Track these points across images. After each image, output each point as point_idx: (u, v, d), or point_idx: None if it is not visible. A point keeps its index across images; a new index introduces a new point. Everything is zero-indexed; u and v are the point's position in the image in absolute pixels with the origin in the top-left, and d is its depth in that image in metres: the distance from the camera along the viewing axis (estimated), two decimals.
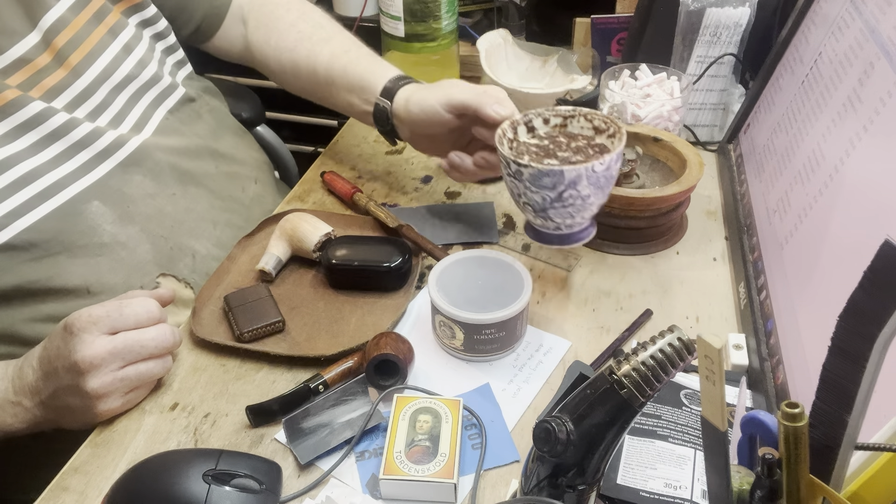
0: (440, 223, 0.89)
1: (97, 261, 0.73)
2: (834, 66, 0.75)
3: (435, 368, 0.71)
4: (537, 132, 0.75)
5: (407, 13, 0.98)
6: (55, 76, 0.74)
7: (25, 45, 0.72)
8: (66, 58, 0.75)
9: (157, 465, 0.57)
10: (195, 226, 0.82)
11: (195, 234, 0.82)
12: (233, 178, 0.89)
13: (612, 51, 1.14)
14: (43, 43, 0.73)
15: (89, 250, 0.73)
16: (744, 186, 0.88)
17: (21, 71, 0.71)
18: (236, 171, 0.91)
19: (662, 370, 0.41)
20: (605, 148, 0.72)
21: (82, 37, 0.76)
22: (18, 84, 0.71)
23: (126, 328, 0.63)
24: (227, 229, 0.85)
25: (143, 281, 0.76)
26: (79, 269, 0.72)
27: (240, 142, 0.95)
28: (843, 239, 0.61)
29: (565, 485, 0.45)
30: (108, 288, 0.73)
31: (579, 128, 0.74)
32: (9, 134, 0.69)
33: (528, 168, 0.66)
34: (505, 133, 0.72)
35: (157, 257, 0.77)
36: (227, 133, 0.93)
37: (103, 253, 0.73)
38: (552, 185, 0.66)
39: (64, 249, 0.71)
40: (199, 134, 0.87)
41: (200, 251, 0.82)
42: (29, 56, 0.72)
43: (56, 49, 0.74)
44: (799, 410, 0.35)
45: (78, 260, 0.72)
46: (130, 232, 0.76)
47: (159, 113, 0.83)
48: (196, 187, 0.84)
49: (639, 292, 0.78)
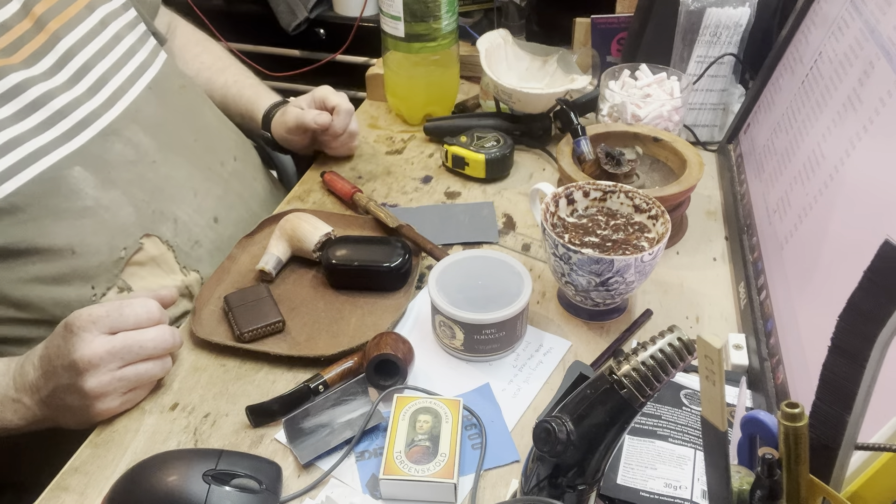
0: (440, 223, 0.89)
1: (81, 223, 0.74)
2: (834, 66, 0.75)
3: (435, 368, 0.71)
4: (577, 206, 0.76)
5: (407, 13, 0.98)
6: (36, 41, 0.76)
7: (6, 12, 0.74)
8: (46, 24, 0.77)
9: (157, 465, 0.57)
10: (176, 192, 0.83)
11: (176, 201, 0.83)
12: (211, 152, 0.91)
13: (612, 51, 1.14)
14: (23, 10, 0.76)
15: (73, 213, 0.74)
16: (744, 186, 0.88)
17: (2, 38, 0.73)
18: (215, 146, 0.93)
19: (662, 370, 0.41)
20: (645, 227, 0.73)
21: (61, 7, 0.80)
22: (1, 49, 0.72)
23: (126, 328, 0.63)
24: (207, 198, 0.86)
25: (126, 242, 0.77)
26: (63, 230, 0.73)
27: (219, 122, 0.97)
28: (843, 239, 0.61)
29: (565, 485, 0.45)
30: (93, 249, 0.74)
31: (619, 204, 0.76)
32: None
33: (577, 254, 0.67)
34: (547, 207, 0.73)
35: (140, 220, 0.79)
36: (207, 112, 0.95)
37: (86, 215, 0.75)
38: (599, 272, 0.68)
39: (48, 213, 0.72)
40: (178, 109, 0.90)
41: (182, 217, 0.83)
42: (9, 23, 0.74)
43: (36, 16, 0.76)
44: (799, 410, 0.35)
45: (62, 222, 0.73)
46: (113, 195, 0.77)
47: (139, 85, 0.85)
48: (176, 156, 0.85)
49: (639, 292, 0.78)
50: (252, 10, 1.58)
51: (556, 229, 0.74)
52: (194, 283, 0.81)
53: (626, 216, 0.75)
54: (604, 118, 0.96)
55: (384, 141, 1.08)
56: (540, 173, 0.99)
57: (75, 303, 0.73)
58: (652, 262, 0.69)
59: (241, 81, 1.05)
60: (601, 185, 0.76)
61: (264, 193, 0.97)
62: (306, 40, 1.56)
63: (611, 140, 0.89)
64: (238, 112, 1.03)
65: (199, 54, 1.08)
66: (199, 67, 1.06)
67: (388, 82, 1.10)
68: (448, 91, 1.10)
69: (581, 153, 0.85)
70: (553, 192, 0.75)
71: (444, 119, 1.07)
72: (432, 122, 1.06)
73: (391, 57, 1.05)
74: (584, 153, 0.85)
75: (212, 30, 1.46)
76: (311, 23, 1.54)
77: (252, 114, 1.02)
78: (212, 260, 0.83)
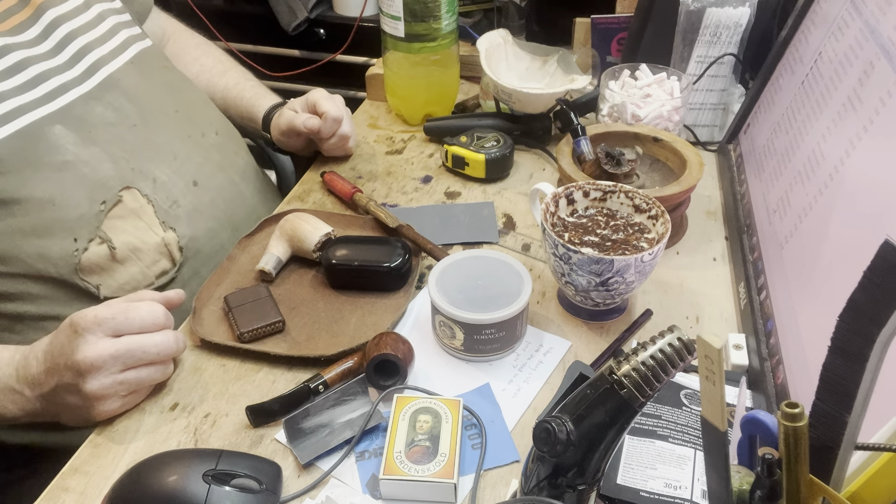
0: (440, 223, 0.89)
1: (61, 175, 0.75)
2: (834, 66, 0.75)
3: (435, 368, 0.71)
4: (577, 206, 0.76)
5: (407, 13, 0.98)
6: (21, 14, 0.80)
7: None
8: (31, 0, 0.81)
9: (157, 465, 0.57)
10: (155, 154, 0.84)
11: (155, 162, 0.84)
12: (192, 123, 0.92)
13: (612, 51, 1.14)
14: None
15: (52, 166, 0.75)
16: (744, 186, 0.88)
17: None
18: (196, 118, 0.94)
19: (662, 370, 0.41)
20: (645, 227, 0.73)
21: None
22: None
23: (131, 332, 0.63)
24: (187, 162, 0.87)
25: (106, 196, 0.78)
26: (43, 182, 0.74)
27: (202, 102, 0.98)
28: (843, 239, 0.61)
29: (565, 485, 0.45)
30: (73, 202, 0.76)
31: (618, 204, 0.76)
32: None
33: (577, 254, 0.67)
34: (547, 207, 0.73)
35: (120, 174, 0.80)
36: (190, 90, 0.97)
37: (66, 169, 0.76)
38: (599, 272, 0.68)
39: (27, 165, 0.74)
40: (160, 83, 0.91)
41: (161, 177, 0.83)
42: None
43: None
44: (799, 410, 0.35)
45: (42, 174, 0.75)
46: (92, 151, 0.79)
47: (121, 59, 0.88)
48: (156, 122, 0.87)
49: (639, 292, 0.78)
50: (252, 10, 1.58)
51: (555, 229, 0.74)
52: (172, 243, 0.82)
53: (625, 216, 0.75)
54: (604, 118, 0.96)
55: (384, 141, 1.08)
56: (540, 173, 0.99)
57: (58, 256, 0.74)
58: (652, 262, 0.69)
59: (241, 84, 1.07)
60: (601, 185, 0.76)
61: (246, 168, 0.98)
62: (306, 40, 1.57)
63: (611, 140, 0.89)
64: (239, 114, 1.04)
65: (198, 58, 1.09)
66: (198, 70, 1.07)
67: (388, 82, 1.10)
68: (448, 91, 1.10)
69: (581, 153, 0.85)
70: (553, 192, 0.75)
71: (444, 119, 1.07)
72: (432, 122, 1.06)
73: (391, 57, 1.05)
74: (584, 153, 0.85)
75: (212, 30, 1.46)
76: (311, 23, 1.55)
77: (252, 115, 1.03)
78: (189, 221, 0.84)
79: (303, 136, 0.98)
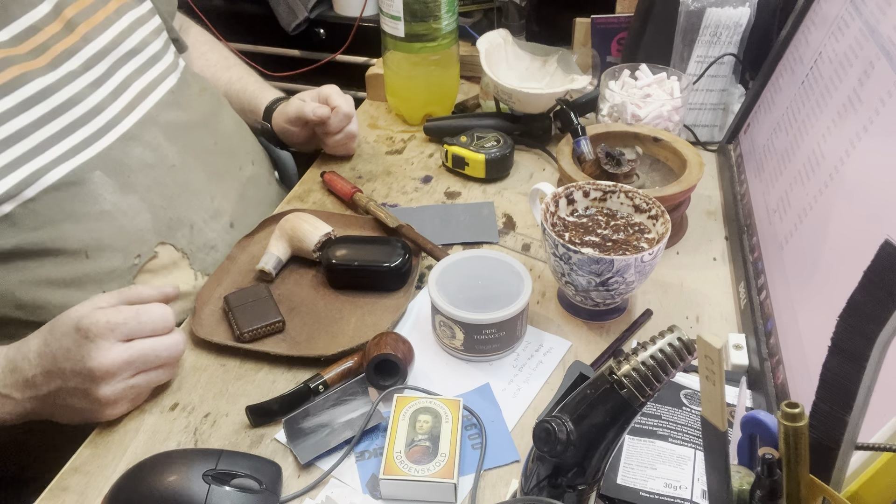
0: (440, 223, 0.89)
1: (98, 226, 0.74)
2: (834, 66, 0.75)
3: (435, 368, 0.71)
4: (577, 206, 0.76)
5: (407, 13, 0.98)
6: (65, 42, 0.76)
7: (37, 13, 0.74)
8: (76, 26, 0.77)
9: (157, 465, 0.57)
10: (192, 198, 0.83)
11: (193, 207, 0.83)
12: (229, 156, 0.92)
13: (612, 51, 1.14)
14: (54, 13, 0.76)
15: (90, 216, 0.73)
16: (744, 186, 0.88)
17: (32, 38, 0.73)
18: (234, 149, 0.93)
19: (662, 370, 0.41)
20: (645, 227, 0.73)
21: (90, 11, 0.80)
22: (30, 50, 0.72)
23: (142, 336, 0.63)
24: (224, 202, 0.87)
25: (141, 249, 0.77)
26: (79, 234, 0.72)
27: (237, 125, 0.98)
28: (843, 239, 0.61)
29: (565, 485, 0.45)
30: (108, 254, 0.74)
31: (618, 204, 0.76)
32: (14, 109, 0.70)
33: (577, 254, 0.67)
34: (547, 207, 0.73)
35: (157, 226, 0.78)
36: (225, 116, 0.96)
37: (103, 219, 0.74)
38: (599, 272, 0.68)
39: (66, 216, 0.72)
40: (198, 111, 0.90)
41: (197, 222, 0.83)
42: (40, 24, 0.74)
43: (66, 18, 0.77)
44: (799, 410, 0.35)
45: (79, 226, 0.73)
46: (131, 201, 0.77)
47: (160, 90, 0.86)
48: (194, 160, 0.85)
49: (639, 292, 0.78)
50: (252, 10, 1.58)
51: (555, 229, 0.74)
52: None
53: (626, 216, 0.75)
54: (604, 118, 0.96)
55: (384, 141, 1.08)
56: (540, 173, 0.99)
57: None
58: (652, 262, 0.69)
59: (245, 78, 1.07)
60: (601, 185, 0.76)
61: (275, 197, 0.98)
62: (306, 40, 1.56)
63: (611, 140, 0.89)
64: (240, 106, 1.04)
65: (205, 53, 1.10)
66: (204, 64, 1.08)
67: (388, 82, 1.10)
68: (448, 91, 1.10)
69: (581, 153, 0.85)
70: (553, 192, 0.75)
71: (444, 119, 1.07)
72: (432, 122, 1.06)
73: (391, 57, 1.05)
74: (584, 153, 0.85)
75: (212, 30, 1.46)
76: (311, 23, 1.54)
77: (254, 106, 1.03)
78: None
79: (308, 128, 0.97)
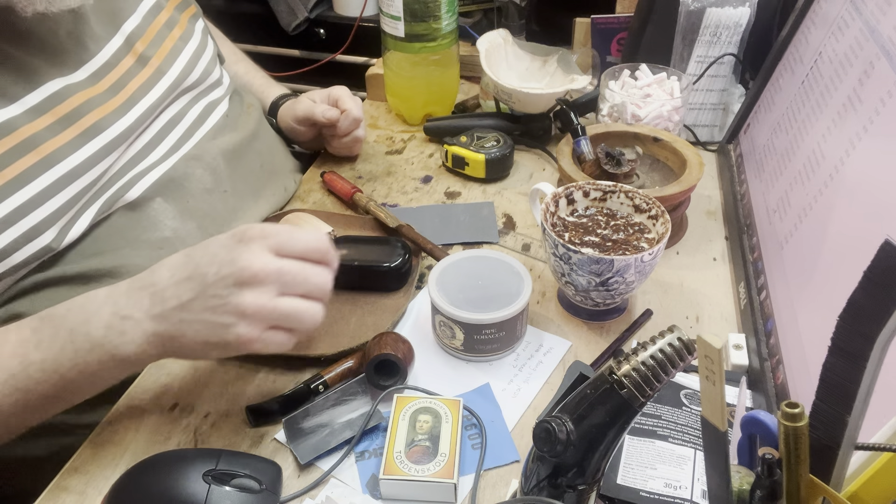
0: (440, 223, 0.89)
1: (158, 253, 0.73)
2: (834, 66, 0.75)
3: (435, 368, 0.71)
4: (577, 206, 0.76)
5: (407, 13, 0.98)
6: (141, 76, 0.77)
7: (111, 48, 0.75)
8: (149, 59, 0.79)
9: (157, 465, 0.57)
10: (241, 224, 0.83)
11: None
12: (274, 177, 0.93)
13: (612, 51, 1.14)
14: (126, 46, 0.77)
15: (151, 243, 0.75)
16: (744, 186, 0.88)
17: (110, 74, 0.74)
18: (276, 168, 0.95)
19: (662, 370, 0.41)
20: (645, 227, 0.73)
21: (159, 42, 0.81)
22: (111, 85, 0.73)
23: (294, 255, 0.57)
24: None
25: None
26: (140, 260, 0.72)
27: (276, 140, 0.99)
28: (843, 239, 0.61)
29: (565, 485, 0.45)
30: None
31: (619, 204, 0.76)
32: (99, 153, 0.70)
33: (577, 254, 0.67)
34: (547, 207, 0.73)
35: None
36: (266, 131, 0.97)
37: (164, 246, 0.75)
38: (599, 272, 0.68)
39: (127, 244, 0.73)
40: (246, 130, 0.91)
41: None
42: (115, 59, 0.75)
43: (138, 53, 0.78)
44: (799, 410, 0.35)
45: (141, 252, 0.73)
46: (189, 227, 0.78)
47: (217, 113, 0.88)
48: (244, 185, 0.87)
49: (639, 292, 0.78)
50: (252, 10, 1.58)
51: (556, 229, 0.74)
52: None
53: (626, 216, 0.75)
54: (604, 118, 0.96)
55: (384, 141, 1.08)
56: (540, 173, 0.99)
57: None
58: (652, 262, 0.69)
59: (251, 73, 1.08)
60: (601, 185, 0.76)
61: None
62: (306, 40, 1.57)
63: (611, 140, 0.89)
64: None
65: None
66: None
67: (388, 82, 1.10)
68: (448, 91, 1.10)
69: (581, 153, 0.85)
70: (553, 192, 0.75)
71: (444, 119, 1.07)
72: (432, 122, 1.06)
73: (391, 57, 1.05)
74: (584, 153, 0.85)
75: None
76: (311, 23, 1.55)
77: (260, 101, 1.03)
78: None
79: (314, 128, 0.98)
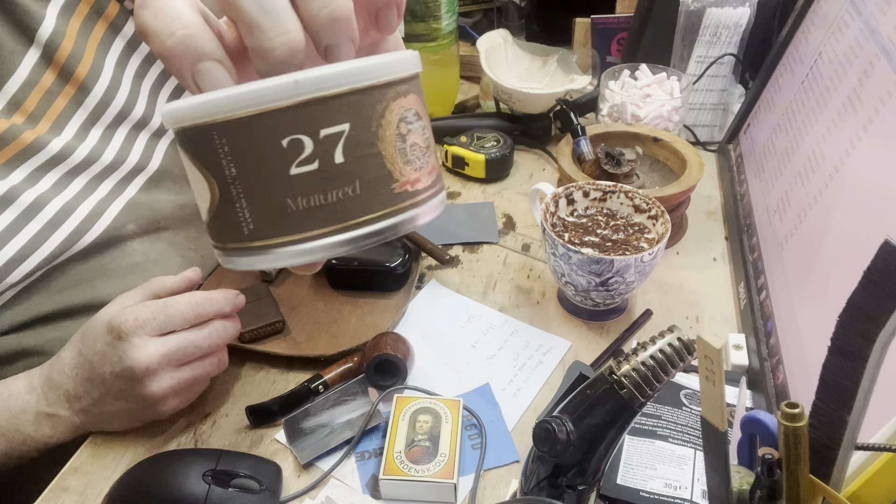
0: (440, 223, 0.89)
1: (132, 279, 0.72)
2: (834, 66, 0.75)
3: (435, 368, 0.71)
4: (577, 206, 0.76)
5: (407, 13, 0.98)
6: (65, 95, 0.69)
7: (28, 62, 0.66)
8: (72, 73, 0.69)
9: (157, 465, 0.57)
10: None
11: None
12: None
13: (612, 51, 1.14)
14: (44, 59, 0.67)
15: (122, 271, 0.72)
16: (744, 186, 0.88)
17: (33, 93, 0.67)
18: None
19: (662, 370, 0.41)
20: (645, 227, 0.74)
21: (82, 43, 0.70)
22: (35, 106, 0.67)
23: (174, 327, 0.61)
24: None
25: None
26: (112, 288, 0.70)
27: None
28: (843, 239, 0.61)
29: (565, 485, 0.45)
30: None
31: (618, 204, 0.76)
32: (32, 175, 0.67)
33: (577, 254, 0.67)
34: (547, 207, 0.73)
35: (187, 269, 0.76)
36: None
37: (135, 272, 0.73)
38: (599, 272, 0.68)
39: (99, 273, 0.71)
40: None
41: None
42: (34, 76, 0.67)
43: (59, 65, 0.68)
44: (799, 410, 0.35)
45: (112, 281, 0.71)
46: (160, 248, 0.76)
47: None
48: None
49: (639, 292, 0.78)
50: None
51: (555, 229, 0.74)
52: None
53: (626, 216, 0.75)
54: (604, 118, 0.96)
55: None
56: (540, 173, 0.99)
57: None
58: (652, 263, 0.69)
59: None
60: (601, 185, 0.76)
61: None
62: None
63: (611, 140, 0.89)
64: None
65: None
66: None
67: None
68: (448, 91, 1.10)
69: (581, 153, 0.85)
70: (553, 192, 0.75)
71: (444, 119, 1.07)
72: (432, 122, 1.06)
73: None
74: (584, 153, 0.85)
75: None
76: None
77: None
78: None
79: None
